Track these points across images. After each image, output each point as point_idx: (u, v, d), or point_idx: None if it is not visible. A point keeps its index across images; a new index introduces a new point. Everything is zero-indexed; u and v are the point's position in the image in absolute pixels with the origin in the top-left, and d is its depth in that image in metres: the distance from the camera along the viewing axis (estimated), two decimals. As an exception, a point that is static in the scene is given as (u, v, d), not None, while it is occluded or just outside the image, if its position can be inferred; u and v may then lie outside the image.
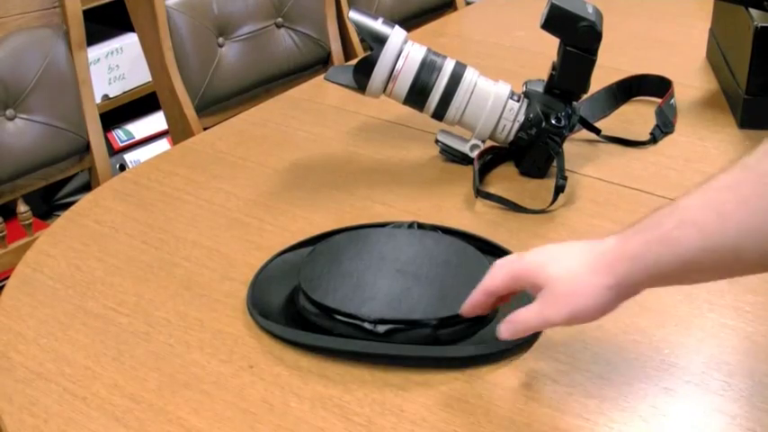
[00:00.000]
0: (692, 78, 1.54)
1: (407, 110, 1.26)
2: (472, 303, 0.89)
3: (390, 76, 1.20)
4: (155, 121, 2.42)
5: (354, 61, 1.22)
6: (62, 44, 1.54)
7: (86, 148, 1.61)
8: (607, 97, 1.42)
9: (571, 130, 1.25)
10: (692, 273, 0.75)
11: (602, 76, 1.34)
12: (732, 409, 0.86)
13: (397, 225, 1.08)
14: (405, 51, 1.20)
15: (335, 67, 1.28)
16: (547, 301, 0.81)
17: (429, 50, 1.22)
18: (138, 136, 2.44)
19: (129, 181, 1.31)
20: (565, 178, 1.18)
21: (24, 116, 1.53)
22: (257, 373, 0.92)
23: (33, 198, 1.74)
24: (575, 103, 1.24)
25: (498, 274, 0.86)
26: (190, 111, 1.73)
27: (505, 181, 1.26)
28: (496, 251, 1.05)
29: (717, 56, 1.53)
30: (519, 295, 0.88)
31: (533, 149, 1.24)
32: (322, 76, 1.27)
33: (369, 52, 1.20)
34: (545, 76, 1.24)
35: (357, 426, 0.85)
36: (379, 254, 1.01)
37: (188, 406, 0.88)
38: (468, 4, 2.29)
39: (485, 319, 0.93)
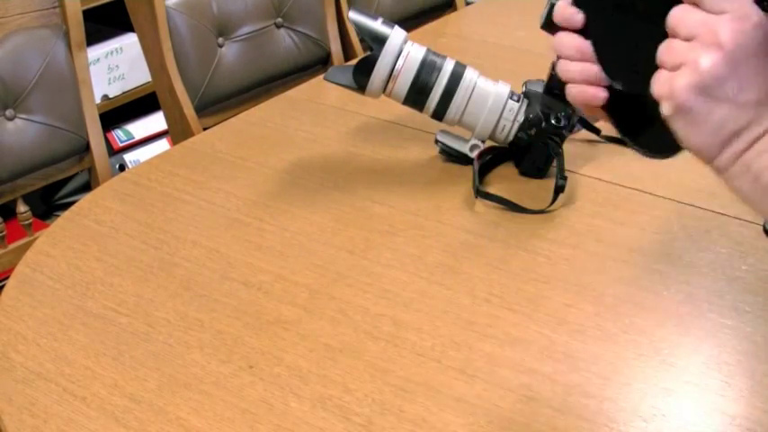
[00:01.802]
0: (691, 78, 1.53)
1: (407, 110, 1.26)
2: None
3: (390, 76, 1.20)
4: (154, 122, 2.42)
5: (354, 61, 1.22)
6: (62, 44, 1.54)
7: (86, 148, 1.61)
8: (607, 97, 1.42)
9: (571, 130, 1.25)
10: None
11: (602, 77, 1.34)
12: (732, 409, 0.86)
13: None
14: (404, 51, 1.20)
15: (335, 67, 1.28)
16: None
17: (429, 50, 1.22)
18: (138, 136, 2.44)
19: (128, 181, 1.31)
20: (565, 178, 1.18)
21: (24, 116, 1.53)
22: (257, 373, 0.92)
23: (33, 198, 1.74)
24: (575, 103, 1.24)
25: None
26: (189, 111, 1.73)
27: (505, 181, 1.26)
28: None
29: (717, 56, 1.53)
30: None
31: (533, 150, 1.24)
32: (322, 76, 1.27)
33: (369, 52, 1.20)
34: (545, 77, 1.24)
35: (357, 426, 0.85)
36: None
37: (188, 406, 0.88)
38: (468, 4, 2.29)
39: None
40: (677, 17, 0.66)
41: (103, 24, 2.25)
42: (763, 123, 0.66)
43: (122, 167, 2.37)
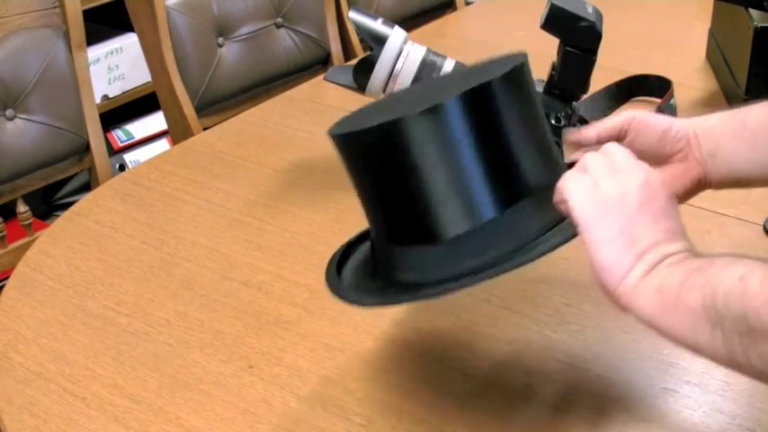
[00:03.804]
0: (691, 78, 1.54)
1: (407, 110, 1.25)
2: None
3: (390, 76, 1.20)
4: (154, 121, 2.42)
5: (354, 61, 1.22)
6: (62, 44, 1.54)
7: (86, 148, 1.61)
8: (607, 97, 1.42)
9: (571, 130, 1.25)
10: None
11: (602, 76, 1.34)
12: (732, 409, 0.86)
13: None
14: (405, 51, 1.20)
15: (335, 67, 1.28)
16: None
17: (429, 50, 1.22)
18: (138, 136, 2.44)
19: (128, 181, 1.31)
20: (565, 178, 1.18)
21: (24, 116, 1.53)
22: (257, 373, 0.92)
23: (33, 198, 1.73)
24: (575, 103, 1.24)
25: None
26: (189, 111, 1.73)
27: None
28: None
29: (717, 56, 1.53)
30: None
31: (533, 149, 1.24)
32: (322, 77, 1.27)
33: (369, 52, 1.20)
34: (545, 77, 1.24)
35: (357, 426, 0.85)
36: None
37: (188, 406, 0.88)
38: (468, 4, 2.28)
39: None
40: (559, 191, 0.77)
41: (103, 24, 2.25)
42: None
43: (122, 167, 2.37)
